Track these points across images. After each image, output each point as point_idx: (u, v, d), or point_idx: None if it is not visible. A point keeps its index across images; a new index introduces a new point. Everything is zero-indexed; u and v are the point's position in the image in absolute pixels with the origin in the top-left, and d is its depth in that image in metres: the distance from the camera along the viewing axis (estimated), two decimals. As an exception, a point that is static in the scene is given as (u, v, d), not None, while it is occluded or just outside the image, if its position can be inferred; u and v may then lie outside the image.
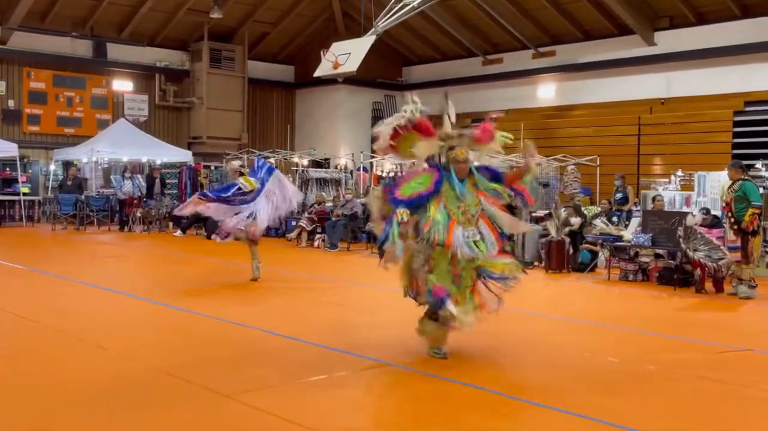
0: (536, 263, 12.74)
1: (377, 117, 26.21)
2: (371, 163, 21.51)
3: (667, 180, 16.36)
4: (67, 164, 20.73)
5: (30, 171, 20.66)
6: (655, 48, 19.55)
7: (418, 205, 5.76)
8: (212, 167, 21.90)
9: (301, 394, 4.98)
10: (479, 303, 5.81)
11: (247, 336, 6.83)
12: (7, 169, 19.99)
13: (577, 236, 12.52)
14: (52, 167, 21.35)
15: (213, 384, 5.10)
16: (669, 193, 15.22)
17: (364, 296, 9.57)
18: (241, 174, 9.92)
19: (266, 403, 4.73)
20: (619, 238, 11.51)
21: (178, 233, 17.68)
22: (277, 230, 16.63)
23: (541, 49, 22.14)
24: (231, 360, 5.85)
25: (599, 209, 14.08)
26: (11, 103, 21.67)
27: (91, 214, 19.12)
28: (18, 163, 19.71)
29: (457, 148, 6.00)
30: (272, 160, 20.93)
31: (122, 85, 23.43)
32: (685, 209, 14.13)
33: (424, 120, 5.95)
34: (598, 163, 17.54)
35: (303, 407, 4.70)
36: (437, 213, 5.71)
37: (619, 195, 15.23)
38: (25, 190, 19.71)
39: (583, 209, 13.97)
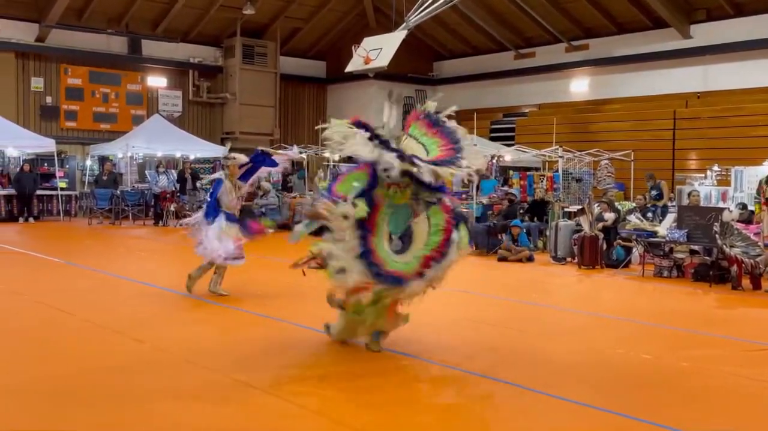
0: (569, 259, 12.64)
1: (408, 112, 26.16)
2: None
3: (702, 175, 16.10)
4: (102, 160, 21.05)
5: (67, 166, 21.01)
6: (692, 41, 19.24)
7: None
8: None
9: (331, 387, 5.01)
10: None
11: (279, 329, 6.88)
12: (45, 164, 20.37)
13: (610, 232, 12.39)
14: (88, 163, 21.69)
15: (246, 376, 5.15)
16: (705, 188, 14.98)
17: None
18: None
19: (299, 396, 4.77)
20: (654, 234, 11.36)
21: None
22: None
23: (575, 43, 21.92)
24: (264, 354, 5.90)
25: (634, 204, 13.92)
26: (49, 99, 22.04)
27: (126, 208, 19.40)
28: (55, 158, 20.08)
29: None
30: (304, 155, 21.04)
31: (157, 81, 23.71)
32: (721, 204, 13.90)
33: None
34: (632, 158, 17.33)
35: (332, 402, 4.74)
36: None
37: (654, 192, 15.01)
38: (63, 185, 20.05)
39: (616, 204, 13.83)
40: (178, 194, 19.29)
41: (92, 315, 7.30)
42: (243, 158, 8.69)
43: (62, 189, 19.73)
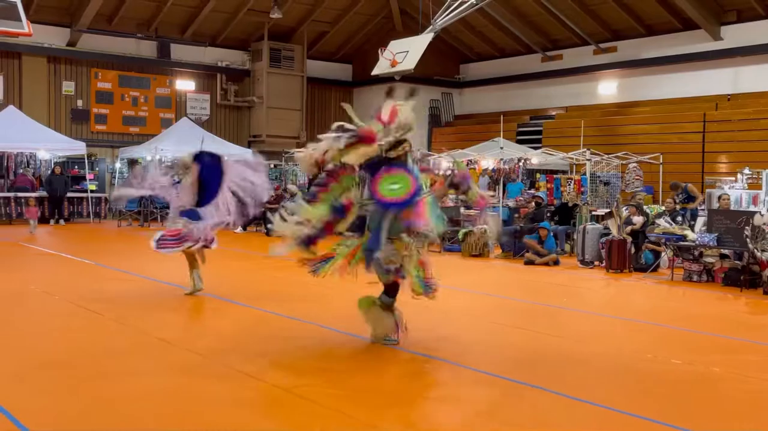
0: (596, 263, 12.54)
1: (434, 115, 26.21)
2: (429, 160, 21.46)
3: (733, 178, 15.88)
4: (131, 162, 21.31)
5: (97, 169, 21.32)
6: (722, 42, 19.02)
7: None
8: (272, 165, 22.19)
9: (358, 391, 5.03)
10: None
11: (308, 331, 6.91)
12: (76, 167, 20.68)
13: (639, 236, 12.27)
14: (117, 165, 21.97)
15: (273, 378, 5.18)
16: (735, 191, 14.77)
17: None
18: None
19: (324, 396, 4.79)
20: (683, 237, 11.23)
21: (239, 229, 17.98)
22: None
23: (602, 45, 21.77)
24: (290, 355, 5.93)
25: (662, 207, 13.77)
26: (80, 103, 22.39)
27: (154, 211, 19.61)
28: (86, 161, 20.38)
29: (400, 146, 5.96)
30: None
31: (185, 84, 23.96)
32: (752, 208, 13.70)
33: (367, 131, 5.87)
34: (661, 161, 17.15)
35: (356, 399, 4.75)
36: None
37: (682, 196, 14.77)
38: (93, 187, 20.34)
39: (645, 207, 13.68)
40: (206, 197, 19.41)
41: (121, 316, 7.39)
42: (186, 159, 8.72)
43: (92, 191, 20.01)
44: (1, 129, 18.90)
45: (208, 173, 8.45)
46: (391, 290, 6.21)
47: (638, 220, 12.51)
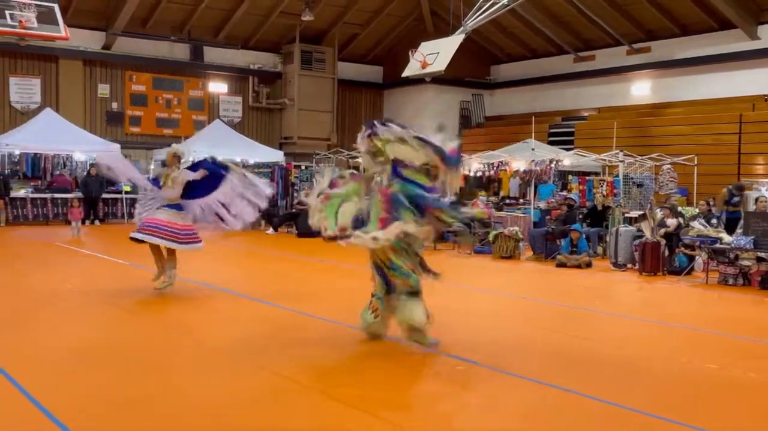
0: (629, 266, 12.41)
1: (465, 116, 26.15)
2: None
3: (770, 180, 15.61)
4: (165, 164, 21.50)
5: (131, 171, 21.55)
6: (759, 42, 18.70)
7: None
8: (303, 167, 22.32)
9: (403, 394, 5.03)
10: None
11: (340, 333, 6.94)
12: (111, 168, 20.94)
13: (673, 238, 12.12)
14: (151, 167, 22.24)
15: (306, 379, 5.22)
16: (773, 194, 14.50)
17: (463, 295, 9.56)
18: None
19: (346, 396, 4.81)
20: (718, 240, 11.06)
21: (270, 231, 18.13)
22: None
23: (636, 46, 21.53)
24: (322, 356, 5.96)
25: (697, 210, 13.58)
26: (114, 105, 22.71)
27: (187, 212, 19.78)
28: (120, 162, 20.62)
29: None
30: (359, 160, 21.13)
31: (217, 87, 24.20)
32: (790, 210, 13.43)
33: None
34: (695, 162, 16.91)
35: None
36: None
37: (736, 199, 14.26)
38: (127, 188, 20.55)
39: (680, 209, 13.51)
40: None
41: (157, 316, 7.50)
42: (178, 148, 9.24)
43: (126, 193, 20.28)
44: (38, 131, 19.28)
45: (209, 179, 8.75)
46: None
47: (672, 222, 12.36)
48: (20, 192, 19.19)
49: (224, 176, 8.74)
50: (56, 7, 18.74)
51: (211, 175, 8.81)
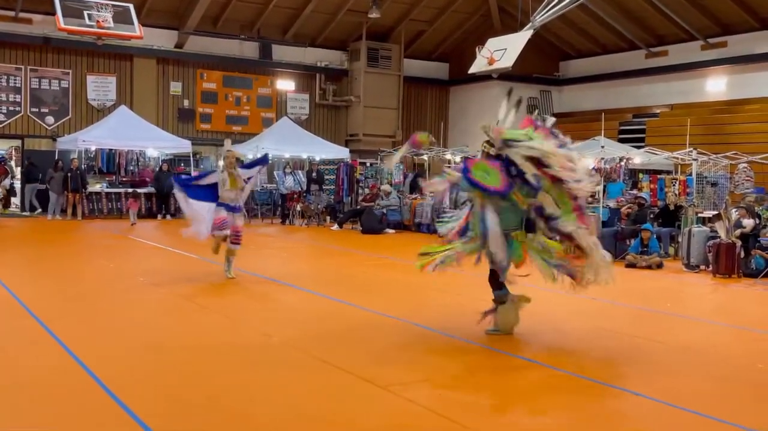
0: (702, 267, 12.04)
1: (532, 113, 25.77)
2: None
3: None
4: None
5: (202, 166, 22.09)
6: (844, 35, 17.90)
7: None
8: (368, 164, 22.44)
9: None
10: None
11: (409, 331, 6.94)
12: (182, 164, 21.50)
13: (749, 239, 11.69)
14: (221, 163, 22.66)
15: (370, 375, 5.24)
16: None
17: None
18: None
19: (420, 397, 4.80)
20: (799, 242, 10.62)
21: (335, 227, 18.29)
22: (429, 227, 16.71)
23: (711, 40, 20.86)
24: (390, 353, 5.97)
25: (775, 210, 13.08)
26: (186, 102, 23.26)
27: (255, 207, 20.16)
28: (191, 158, 21.16)
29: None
30: (425, 157, 21.13)
31: (285, 84, 24.51)
32: None
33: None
34: (774, 161, 16.27)
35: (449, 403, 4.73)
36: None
37: None
38: (198, 184, 21.07)
39: (757, 210, 13.03)
40: (305, 194, 19.86)
41: (227, 310, 7.64)
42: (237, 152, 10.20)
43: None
44: (113, 128, 19.91)
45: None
46: (493, 283, 6.50)
47: (749, 223, 11.93)
48: (96, 187, 19.87)
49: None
50: (131, 7, 19.32)
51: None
